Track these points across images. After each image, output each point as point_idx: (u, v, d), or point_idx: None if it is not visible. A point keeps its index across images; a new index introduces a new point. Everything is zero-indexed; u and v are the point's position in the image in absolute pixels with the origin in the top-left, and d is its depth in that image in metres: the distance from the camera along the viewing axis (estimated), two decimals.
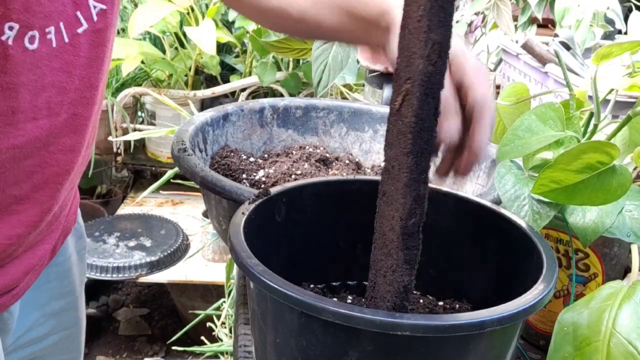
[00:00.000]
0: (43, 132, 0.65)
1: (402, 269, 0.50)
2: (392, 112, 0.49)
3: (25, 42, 0.60)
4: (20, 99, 0.62)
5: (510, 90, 0.78)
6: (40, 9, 0.60)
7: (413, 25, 0.47)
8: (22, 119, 0.63)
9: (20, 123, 0.63)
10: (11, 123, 0.62)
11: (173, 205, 2.30)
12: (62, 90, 0.65)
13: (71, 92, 0.67)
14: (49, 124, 0.66)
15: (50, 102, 0.65)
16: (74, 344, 0.91)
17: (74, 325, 0.90)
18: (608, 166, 0.58)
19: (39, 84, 0.63)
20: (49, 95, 0.64)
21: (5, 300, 0.72)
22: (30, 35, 0.60)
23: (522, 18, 1.81)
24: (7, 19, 0.57)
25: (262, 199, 0.58)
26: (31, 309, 0.81)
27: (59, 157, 0.69)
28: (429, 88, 0.47)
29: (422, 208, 0.50)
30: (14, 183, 0.66)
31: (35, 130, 0.65)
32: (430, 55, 0.46)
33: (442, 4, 0.46)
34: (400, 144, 0.49)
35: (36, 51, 0.61)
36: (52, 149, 0.67)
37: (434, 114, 0.48)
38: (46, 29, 0.61)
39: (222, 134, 0.95)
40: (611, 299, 0.54)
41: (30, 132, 0.64)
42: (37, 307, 0.82)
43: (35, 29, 0.60)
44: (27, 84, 0.62)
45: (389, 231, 0.51)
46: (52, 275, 0.82)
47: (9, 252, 0.70)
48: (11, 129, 0.63)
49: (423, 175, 0.49)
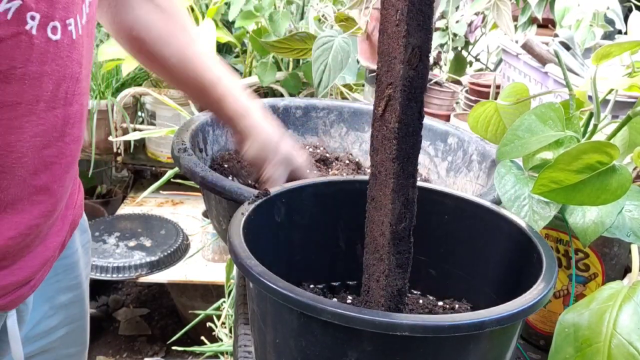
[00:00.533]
0: (59, 121, 0.68)
1: (395, 273, 0.50)
2: (376, 117, 0.49)
3: (49, 33, 0.63)
4: (44, 88, 0.64)
5: (510, 90, 0.77)
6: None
7: (392, 30, 0.47)
8: (44, 107, 0.65)
9: (42, 112, 0.65)
10: (34, 112, 0.65)
11: (173, 205, 2.30)
12: (76, 81, 0.68)
13: (81, 82, 0.70)
14: (64, 113, 0.68)
15: (67, 92, 0.68)
16: (80, 337, 0.92)
17: (81, 319, 0.91)
18: (608, 166, 0.58)
19: (60, 74, 0.66)
20: (68, 85, 0.67)
21: (24, 291, 0.74)
22: (52, 26, 0.63)
23: (522, 18, 1.80)
24: (28, 9, 0.60)
25: (261, 199, 0.58)
26: (40, 302, 0.82)
27: (71, 147, 0.71)
28: (411, 92, 0.47)
29: (411, 212, 0.50)
30: (34, 173, 0.67)
31: (53, 119, 0.67)
32: (410, 60, 0.46)
33: (420, 7, 0.45)
34: (386, 149, 0.49)
35: (59, 42, 0.64)
36: (67, 139, 0.70)
37: (417, 118, 0.48)
38: (67, 21, 0.64)
39: (222, 134, 0.95)
40: (612, 300, 0.54)
41: (49, 121, 0.67)
42: (46, 300, 0.83)
43: (57, 20, 0.63)
44: (51, 73, 0.64)
45: (379, 236, 0.50)
46: (60, 269, 0.84)
47: (28, 243, 0.71)
48: (34, 118, 0.65)
49: (410, 180, 0.49)
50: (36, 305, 0.81)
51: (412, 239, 0.51)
